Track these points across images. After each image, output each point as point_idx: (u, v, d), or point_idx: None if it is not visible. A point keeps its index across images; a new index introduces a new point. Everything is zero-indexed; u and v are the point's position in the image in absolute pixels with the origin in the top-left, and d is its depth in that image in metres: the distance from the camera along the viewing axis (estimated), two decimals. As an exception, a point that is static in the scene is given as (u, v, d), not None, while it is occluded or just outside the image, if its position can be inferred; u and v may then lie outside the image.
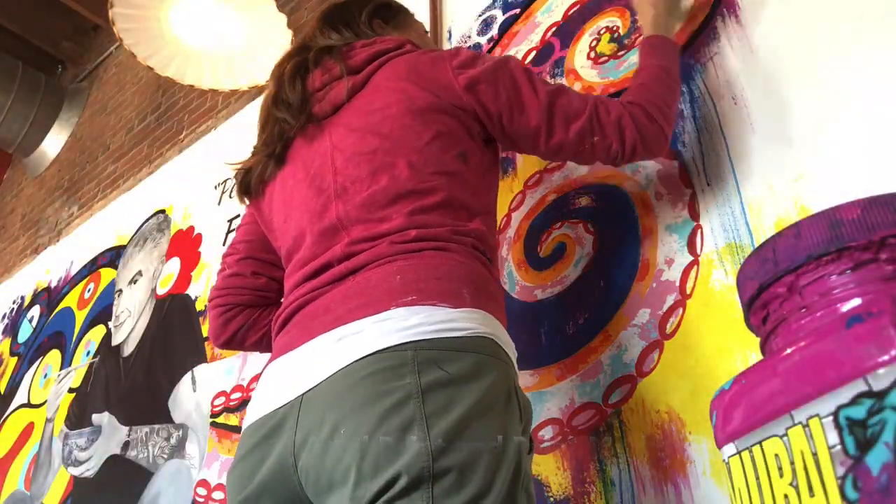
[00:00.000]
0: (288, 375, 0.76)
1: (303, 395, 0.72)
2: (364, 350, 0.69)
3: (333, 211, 0.84)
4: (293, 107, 0.92)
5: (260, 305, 0.99)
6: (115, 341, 2.09)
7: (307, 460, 0.69)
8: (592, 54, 1.30)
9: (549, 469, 1.00)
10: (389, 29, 1.03)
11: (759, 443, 0.54)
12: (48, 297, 2.59)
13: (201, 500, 1.52)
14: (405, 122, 0.85)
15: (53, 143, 3.41)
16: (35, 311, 2.61)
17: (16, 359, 2.53)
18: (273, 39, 2.08)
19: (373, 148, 0.85)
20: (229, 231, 1.94)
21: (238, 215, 1.95)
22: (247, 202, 1.01)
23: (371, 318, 0.72)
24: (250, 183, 0.98)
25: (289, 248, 0.90)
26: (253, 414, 0.78)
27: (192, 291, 1.92)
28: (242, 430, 0.80)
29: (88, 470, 1.86)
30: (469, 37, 1.60)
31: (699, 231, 1.00)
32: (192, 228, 2.11)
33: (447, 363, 0.69)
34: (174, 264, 2.07)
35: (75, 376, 2.16)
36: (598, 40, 1.31)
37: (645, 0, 1.06)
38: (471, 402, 0.67)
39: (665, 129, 0.91)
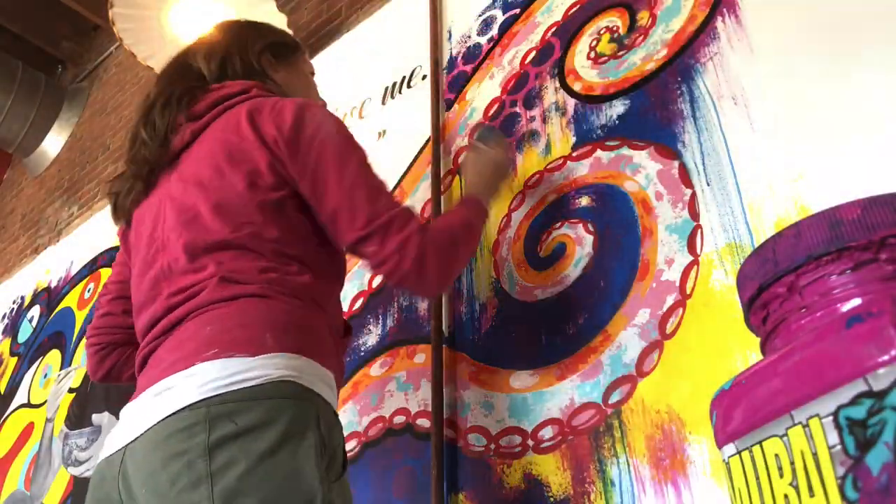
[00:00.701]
0: (125, 422, 0.80)
1: (125, 446, 0.76)
2: (169, 409, 0.73)
3: (159, 262, 0.88)
4: (157, 137, 0.94)
5: (132, 343, 1.01)
6: (115, 341, 2.09)
7: None
8: (592, 54, 1.30)
9: (549, 469, 1.00)
10: (280, 67, 1.05)
11: (759, 443, 0.54)
12: (48, 297, 2.59)
13: (201, 500, 1.52)
14: (223, 171, 0.87)
15: (53, 143, 3.41)
16: (35, 311, 2.61)
17: (16, 359, 2.53)
18: (273, 39, 2.08)
19: (192, 198, 0.88)
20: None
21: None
22: (122, 223, 1.03)
23: (181, 373, 0.75)
24: (119, 206, 1.01)
25: (134, 292, 0.94)
26: (103, 451, 0.82)
27: (192, 291, 1.92)
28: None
29: (88, 470, 1.86)
30: (469, 37, 1.60)
31: (699, 231, 1.00)
32: (192, 228, 2.10)
33: (238, 415, 0.71)
34: (174, 264, 2.06)
35: (75, 376, 2.16)
36: (598, 40, 1.31)
37: (477, 170, 1.11)
38: (258, 452, 0.69)
39: (447, 271, 0.89)
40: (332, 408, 0.81)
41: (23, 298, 2.77)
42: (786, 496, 0.51)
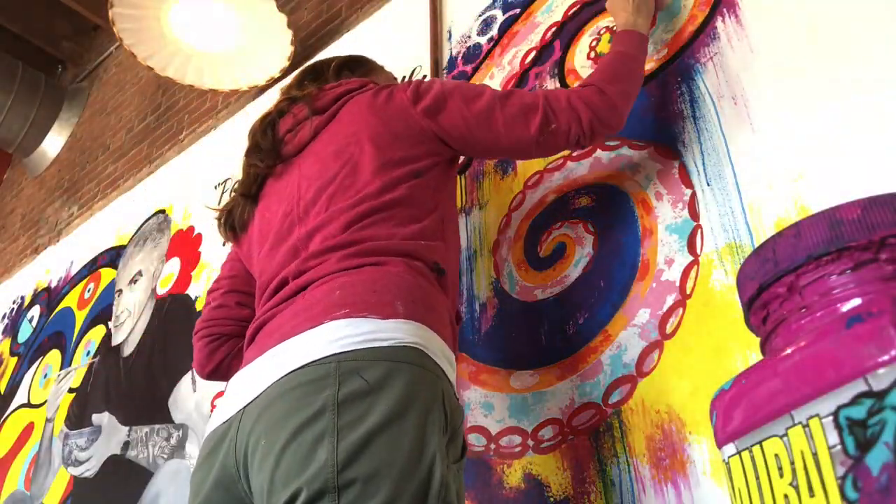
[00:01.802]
0: (238, 389, 0.80)
1: (243, 407, 0.76)
2: (294, 364, 0.73)
3: (296, 233, 0.90)
4: (264, 151, 1.01)
5: (244, 336, 1.00)
6: (115, 341, 2.09)
7: (248, 470, 0.73)
8: (592, 54, 1.30)
9: (549, 469, 1.00)
10: (356, 77, 1.10)
11: (759, 443, 0.54)
12: (48, 297, 2.59)
13: (201, 500, 1.52)
14: (364, 147, 0.92)
15: (53, 143, 3.41)
16: (35, 311, 2.61)
17: (16, 359, 2.53)
18: (273, 39, 2.08)
19: (333, 172, 0.91)
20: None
21: (238, 215, 1.95)
22: (231, 241, 1.08)
23: (307, 332, 0.75)
24: (233, 223, 1.05)
25: (260, 273, 0.95)
26: (210, 425, 0.83)
27: (192, 291, 1.92)
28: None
29: (88, 470, 1.86)
30: (469, 37, 1.60)
31: (699, 231, 1.00)
32: (192, 228, 2.11)
33: (368, 371, 0.71)
34: (174, 264, 2.07)
35: (75, 376, 2.16)
36: (598, 40, 1.31)
37: (617, 4, 1.12)
38: (386, 412, 0.69)
39: (616, 102, 0.95)
40: (454, 387, 0.81)
41: (23, 298, 2.77)
42: (786, 496, 0.51)
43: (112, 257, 2.38)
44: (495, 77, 1.47)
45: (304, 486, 0.65)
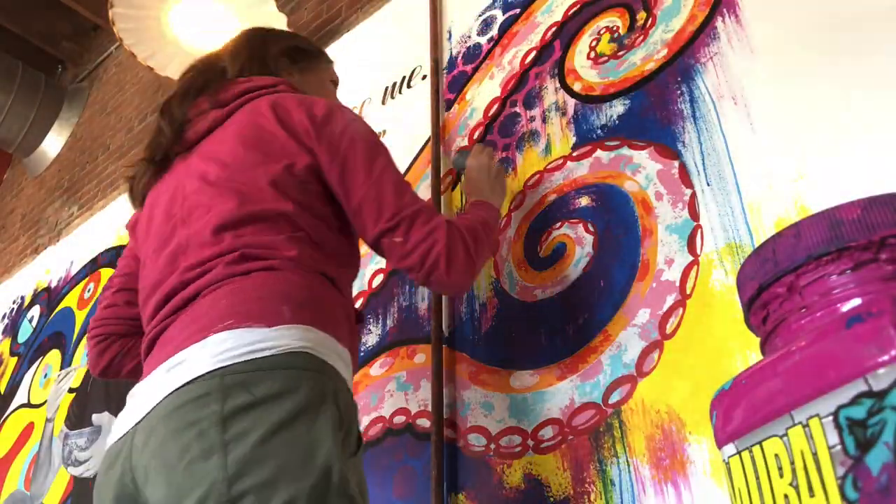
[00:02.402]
0: (132, 404, 0.79)
1: (135, 425, 0.75)
2: (180, 380, 0.72)
3: (176, 237, 0.88)
4: (174, 124, 0.98)
5: (134, 334, 1.00)
6: (115, 341, 2.09)
7: (142, 486, 0.72)
8: (592, 54, 1.30)
9: (549, 469, 1.00)
10: (294, 70, 1.07)
11: (759, 443, 0.54)
12: (48, 297, 2.59)
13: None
14: (250, 149, 0.89)
15: (53, 143, 3.40)
16: (35, 311, 2.61)
17: (16, 359, 2.53)
18: (273, 39, 2.08)
19: (216, 176, 0.88)
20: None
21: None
22: (137, 208, 1.04)
23: (195, 345, 0.74)
24: (134, 190, 1.02)
25: (144, 275, 0.93)
26: (110, 438, 0.82)
27: (192, 291, 1.92)
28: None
29: (88, 470, 1.86)
30: (469, 37, 1.60)
31: (699, 231, 1.00)
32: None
33: (254, 385, 0.70)
34: (174, 264, 2.06)
35: (75, 376, 2.16)
36: (598, 40, 1.31)
37: (473, 184, 1.13)
38: (274, 421, 0.68)
39: (472, 266, 0.88)
40: (347, 384, 0.80)
41: (23, 298, 2.77)
42: (786, 496, 0.51)
43: (112, 257, 2.38)
44: (495, 77, 1.47)
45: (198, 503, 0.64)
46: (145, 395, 0.76)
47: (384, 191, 0.87)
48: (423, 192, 1.45)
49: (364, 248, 1.01)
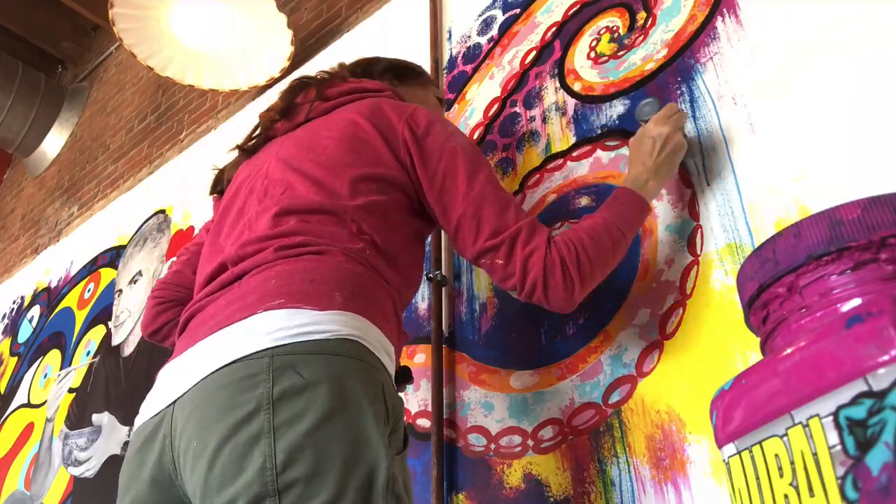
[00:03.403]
0: (168, 380, 0.76)
1: (174, 401, 0.72)
2: (225, 358, 0.69)
3: (248, 213, 0.88)
4: (275, 110, 1.02)
5: None
6: (115, 341, 2.09)
7: (181, 467, 0.70)
8: (592, 54, 1.30)
9: (549, 469, 1.00)
10: (399, 85, 1.10)
11: (759, 443, 0.54)
12: (48, 297, 2.59)
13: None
14: (342, 146, 0.89)
15: (53, 143, 3.41)
16: (35, 311, 2.61)
17: (16, 359, 2.53)
18: (273, 39, 2.08)
19: (302, 163, 0.89)
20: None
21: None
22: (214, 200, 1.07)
23: (240, 322, 0.72)
24: (220, 180, 1.06)
25: (210, 247, 0.93)
26: (139, 417, 0.79)
27: (192, 291, 1.92)
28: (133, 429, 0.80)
29: (88, 470, 1.86)
30: (469, 37, 1.60)
31: (699, 231, 1.00)
32: (192, 228, 2.11)
33: (304, 366, 0.68)
34: (174, 264, 2.06)
35: (75, 376, 2.16)
36: (598, 40, 1.31)
37: (636, 155, 0.97)
38: (324, 407, 0.66)
39: (574, 287, 0.82)
40: (392, 380, 0.78)
41: (23, 298, 2.77)
42: (786, 496, 0.51)
43: (112, 257, 2.38)
44: (495, 77, 1.47)
45: (241, 492, 0.62)
46: (185, 371, 0.73)
47: (484, 207, 0.84)
48: (423, 192, 1.45)
49: None
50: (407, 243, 0.90)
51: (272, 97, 2.16)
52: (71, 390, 2.14)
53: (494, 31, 1.54)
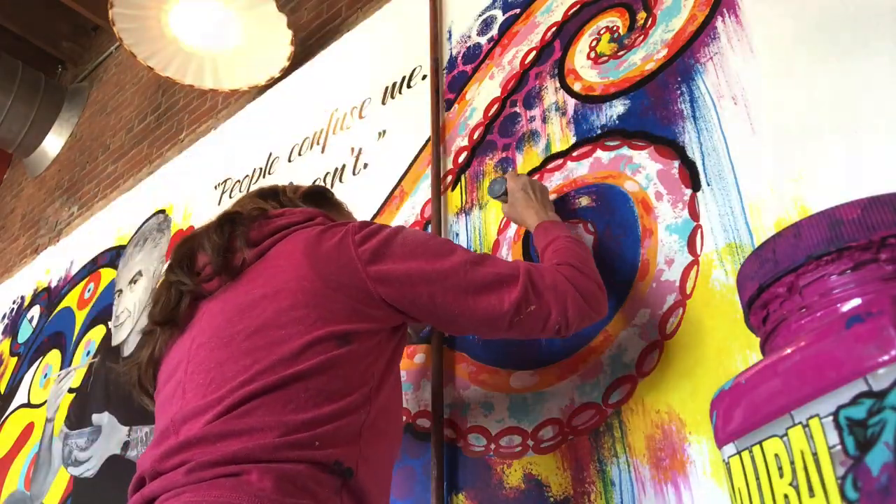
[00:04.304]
0: None
1: None
2: None
3: (173, 409, 0.74)
4: (191, 270, 0.85)
5: None
6: (115, 341, 2.09)
7: None
8: (592, 54, 1.30)
9: (549, 469, 1.00)
10: (322, 204, 1.00)
11: (759, 443, 0.54)
12: (48, 297, 2.59)
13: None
14: (282, 304, 0.75)
15: (53, 143, 3.41)
16: (35, 311, 2.61)
17: (16, 359, 2.53)
18: (273, 39, 2.08)
19: (228, 334, 0.75)
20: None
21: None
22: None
23: None
24: (144, 363, 0.87)
25: (159, 402, 0.82)
26: None
27: (192, 291, 1.92)
28: None
29: (88, 470, 1.86)
30: (469, 37, 1.60)
31: (699, 231, 1.00)
32: (192, 228, 2.11)
33: None
34: (174, 264, 2.06)
35: (75, 376, 2.16)
36: (598, 40, 1.31)
37: (520, 210, 1.05)
38: None
39: (601, 286, 0.85)
40: None
41: (23, 298, 2.77)
42: (786, 496, 0.51)
43: (112, 257, 2.38)
44: (495, 77, 1.47)
45: None
46: None
47: (484, 287, 0.80)
48: (423, 191, 1.45)
49: None
50: (379, 392, 0.77)
51: (273, 97, 2.16)
52: (71, 390, 2.14)
53: (494, 31, 1.54)
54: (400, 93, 1.69)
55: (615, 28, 1.30)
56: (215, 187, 2.12)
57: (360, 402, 0.73)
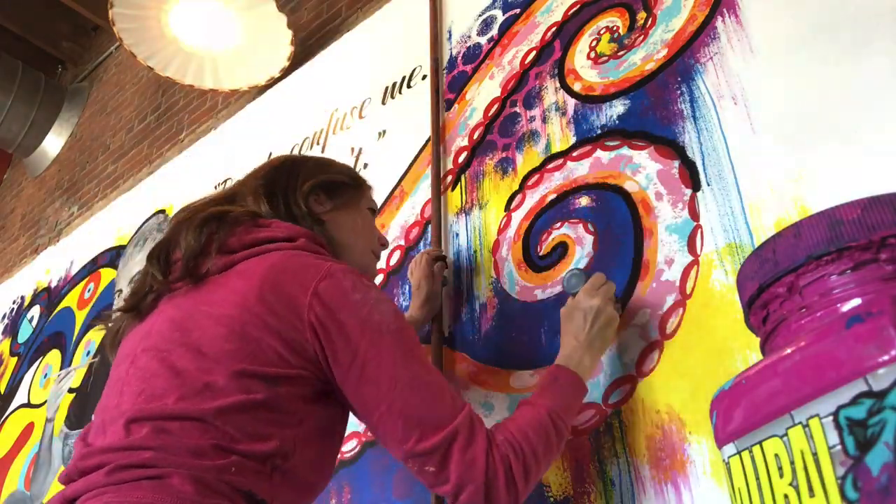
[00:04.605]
0: None
1: None
2: None
3: (111, 402, 0.75)
4: (165, 264, 0.84)
5: None
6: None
7: None
8: (592, 54, 1.30)
9: (549, 469, 1.00)
10: (329, 205, 0.94)
11: (759, 443, 0.54)
12: (48, 297, 2.59)
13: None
14: (222, 330, 0.73)
15: (53, 143, 3.41)
16: (35, 311, 2.61)
17: (16, 359, 2.53)
18: (273, 39, 2.08)
19: (170, 344, 0.75)
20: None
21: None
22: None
23: None
24: (107, 343, 0.89)
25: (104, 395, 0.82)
26: None
27: (192, 291, 1.92)
28: None
29: (88, 470, 1.86)
30: (469, 37, 1.60)
31: (699, 231, 1.00)
32: (192, 228, 2.10)
33: None
34: (174, 264, 2.06)
35: (75, 376, 2.16)
36: (598, 40, 1.31)
37: (569, 329, 0.92)
38: None
39: (517, 494, 0.72)
40: None
41: (23, 298, 2.77)
42: (786, 496, 0.51)
43: (112, 257, 2.38)
44: (495, 77, 1.47)
45: None
46: None
47: (412, 400, 0.72)
48: (423, 191, 1.45)
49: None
50: (306, 443, 0.74)
51: (273, 97, 2.17)
52: (71, 390, 2.13)
53: (494, 31, 1.54)
54: (400, 93, 1.69)
55: (615, 28, 1.30)
56: (215, 187, 2.12)
57: (277, 450, 0.71)
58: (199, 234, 0.82)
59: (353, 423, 1.28)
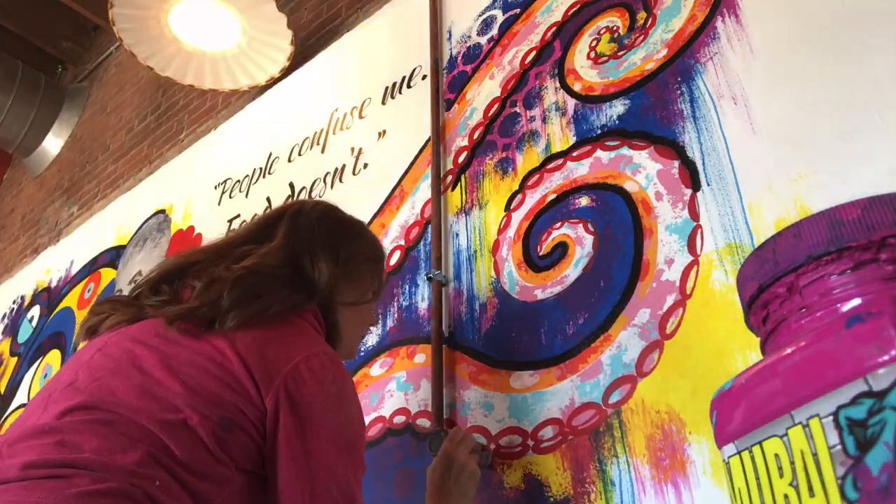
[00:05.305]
0: None
1: None
2: None
3: (34, 418, 0.70)
4: (154, 293, 0.83)
5: None
6: (115, 341, 2.09)
7: None
8: (592, 54, 1.30)
9: (549, 469, 1.00)
10: (350, 298, 0.94)
11: (759, 443, 0.54)
12: (48, 297, 2.59)
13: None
14: (186, 369, 0.72)
15: (53, 143, 3.41)
16: (35, 311, 2.61)
17: (16, 359, 2.53)
18: (273, 39, 2.08)
19: (109, 367, 0.73)
20: (229, 231, 1.94)
21: (238, 215, 1.95)
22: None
23: None
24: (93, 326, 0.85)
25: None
26: None
27: (192, 291, 1.92)
28: None
29: (88, 470, 1.86)
30: (469, 37, 1.60)
31: (699, 231, 1.00)
32: (192, 228, 2.11)
33: None
34: (174, 264, 2.06)
35: (75, 376, 2.15)
36: (598, 40, 1.31)
37: (432, 490, 0.94)
38: None
39: None
40: None
41: (23, 298, 2.77)
42: (786, 496, 0.51)
43: (112, 257, 2.38)
44: (495, 77, 1.47)
45: None
46: None
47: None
48: (423, 192, 1.45)
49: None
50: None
51: (273, 97, 2.17)
52: (71, 390, 2.13)
53: (494, 31, 1.54)
54: (400, 93, 1.69)
55: (615, 28, 1.30)
56: (215, 187, 2.12)
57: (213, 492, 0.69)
58: (237, 296, 0.78)
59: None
